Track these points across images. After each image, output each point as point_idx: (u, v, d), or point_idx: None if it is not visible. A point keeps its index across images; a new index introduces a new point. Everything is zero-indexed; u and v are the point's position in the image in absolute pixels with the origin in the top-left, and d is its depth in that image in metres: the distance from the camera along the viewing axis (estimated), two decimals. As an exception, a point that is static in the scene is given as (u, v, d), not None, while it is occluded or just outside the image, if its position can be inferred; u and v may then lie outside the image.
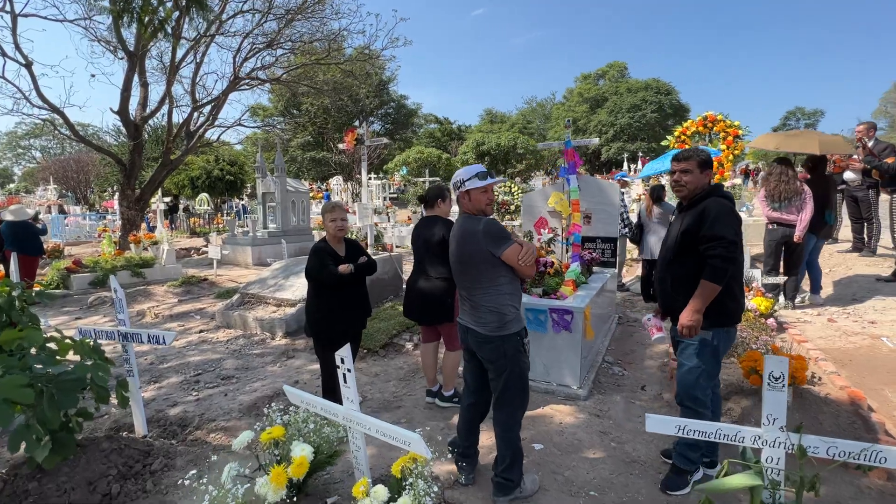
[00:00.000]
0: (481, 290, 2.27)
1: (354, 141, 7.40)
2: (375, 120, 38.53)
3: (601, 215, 5.55)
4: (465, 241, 2.28)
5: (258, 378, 4.04)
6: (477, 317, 2.31)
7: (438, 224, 3.30)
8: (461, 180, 2.32)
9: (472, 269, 2.28)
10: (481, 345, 2.32)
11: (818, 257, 4.95)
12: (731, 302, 2.32)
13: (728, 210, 2.27)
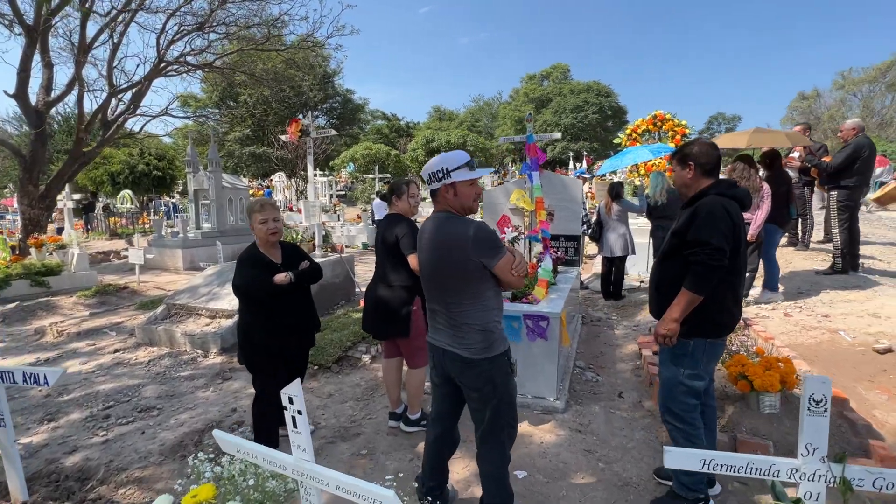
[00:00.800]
0: (466, 306, 1.89)
1: (299, 132, 6.76)
2: (320, 114, 36.89)
3: (564, 213, 5.37)
4: (450, 248, 1.88)
5: (186, 407, 3.41)
6: (459, 337, 1.92)
7: (401, 223, 2.88)
8: (445, 169, 1.87)
9: (457, 282, 1.90)
10: (464, 370, 1.95)
11: (775, 253, 5.07)
12: (719, 313, 2.09)
13: (719, 212, 2.01)
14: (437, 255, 1.92)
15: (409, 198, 3.01)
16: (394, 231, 2.85)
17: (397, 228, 2.84)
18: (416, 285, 2.84)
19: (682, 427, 2.17)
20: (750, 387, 2.59)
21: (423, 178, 2.01)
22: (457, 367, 1.96)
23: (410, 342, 2.92)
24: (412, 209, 3.02)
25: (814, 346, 3.70)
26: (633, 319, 5.34)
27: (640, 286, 6.71)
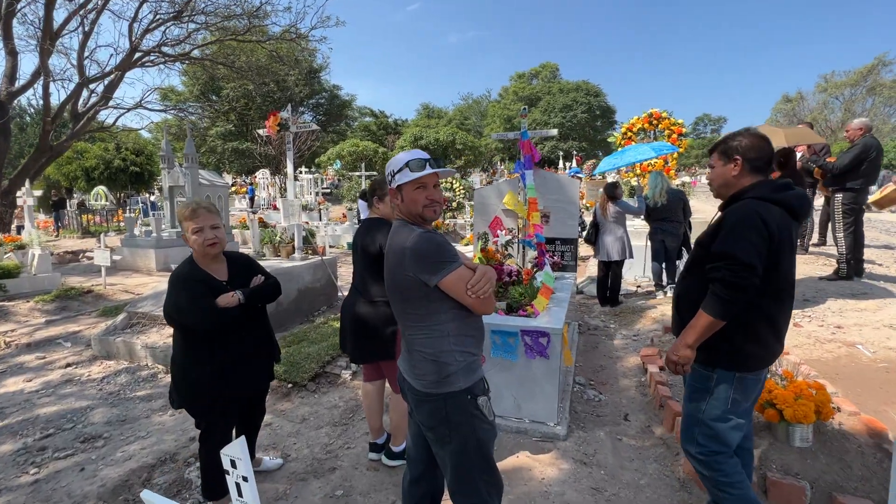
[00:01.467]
0: (414, 330, 1.61)
1: (278, 126, 6.32)
2: (306, 110, 36.25)
3: (560, 214, 5.05)
4: (392, 262, 1.62)
5: (138, 435, 2.99)
6: (412, 365, 1.64)
7: (383, 230, 2.51)
8: (391, 172, 1.66)
9: (402, 301, 1.62)
10: (417, 404, 1.65)
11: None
12: (751, 344, 1.74)
13: (752, 220, 1.65)
14: (387, 270, 1.66)
15: (387, 200, 2.64)
16: (376, 238, 2.48)
17: (379, 236, 2.46)
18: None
19: (708, 475, 1.83)
20: (779, 416, 2.28)
21: None
22: (412, 400, 1.67)
23: (396, 365, 2.59)
24: (388, 214, 2.64)
25: (832, 361, 3.43)
26: (633, 328, 5.05)
27: (636, 291, 6.44)
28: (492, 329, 2.97)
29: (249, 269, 2.31)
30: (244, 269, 2.28)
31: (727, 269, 1.64)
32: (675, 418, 2.70)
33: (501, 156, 41.28)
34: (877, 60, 42.65)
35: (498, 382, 2.99)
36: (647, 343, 4.41)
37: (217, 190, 11.19)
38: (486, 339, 2.99)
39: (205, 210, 2.13)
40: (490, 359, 3.00)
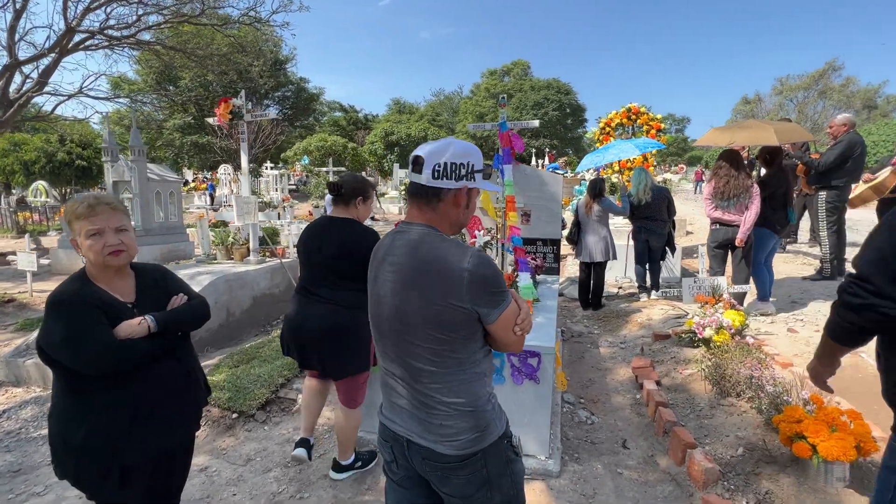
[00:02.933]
0: (445, 375, 1.19)
1: (229, 114, 5.67)
2: (272, 103, 34.83)
3: (542, 213, 4.66)
4: (433, 285, 1.15)
5: (33, 492, 2.39)
6: (432, 424, 1.21)
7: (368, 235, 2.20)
8: (471, 166, 1.20)
9: (440, 342, 1.17)
10: (448, 474, 1.22)
11: (773, 259, 4.58)
12: None
13: (889, 227, 1.20)
14: (411, 292, 1.17)
15: (368, 202, 2.36)
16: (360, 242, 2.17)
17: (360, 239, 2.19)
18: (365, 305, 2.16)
19: None
20: (811, 451, 1.94)
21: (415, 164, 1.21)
22: (434, 471, 1.23)
23: (362, 376, 2.35)
24: (365, 217, 2.37)
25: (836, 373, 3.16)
26: (619, 334, 4.73)
27: (618, 293, 6.16)
28: (473, 349, 2.53)
29: (166, 285, 1.75)
30: (158, 286, 1.72)
31: (847, 282, 1.24)
32: (685, 450, 2.34)
33: (474, 153, 41.03)
34: (827, 65, 44.84)
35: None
36: (637, 352, 4.08)
37: (169, 185, 10.31)
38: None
39: (107, 206, 1.56)
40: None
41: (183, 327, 1.71)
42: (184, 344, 1.77)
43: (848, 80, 44.12)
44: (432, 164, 1.17)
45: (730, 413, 2.64)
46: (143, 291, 1.67)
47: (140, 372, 1.57)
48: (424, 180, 1.18)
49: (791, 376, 2.92)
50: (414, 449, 1.24)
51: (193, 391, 1.76)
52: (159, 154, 29.11)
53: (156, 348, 1.58)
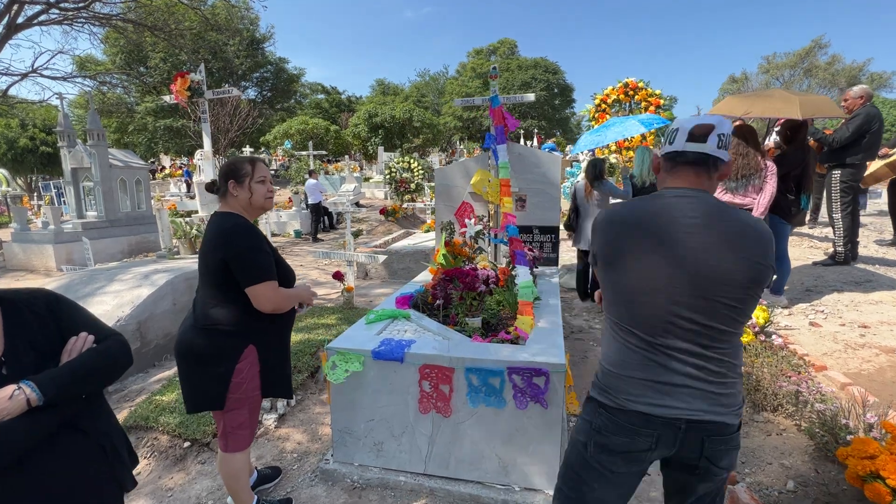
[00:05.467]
0: (735, 338, 1.21)
1: (187, 91, 5.06)
2: (250, 85, 33.44)
3: (540, 198, 4.22)
4: (754, 247, 1.17)
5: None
6: (722, 395, 1.18)
7: (238, 230, 1.70)
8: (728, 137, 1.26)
9: (745, 298, 1.18)
10: (729, 448, 1.22)
11: (787, 249, 4.21)
12: None
13: None
14: (739, 253, 1.15)
15: (253, 184, 1.77)
16: (227, 243, 1.66)
17: (235, 239, 1.67)
18: (251, 328, 1.73)
19: None
20: (891, 496, 1.56)
21: (696, 134, 1.23)
22: (717, 447, 1.20)
23: (230, 416, 1.78)
24: (257, 204, 1.81)
25: (875, 374, 2.82)
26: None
27: (618, 281, 5.78)
28: (466, 367, 2.10)
29: (57, 322, 1.17)
30: (43, 326, 1.15)
31: None
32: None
33: (461, 135, 40.25)
34: (813, 43, 44.66)
35: (476, 437, 2.14)
36: (646, 351, 3.70)
37: (134, 172, 9.59)
38: (459, 381, 2.12)
39: None
40: (465, 409, 2.13)
41: (87, 387, 1.15)
42: (91, 406, 1.21)
43: (833, 57, 44.04)
44: (717, 134, 1.21)
45: (767, 432, 2.26)
46: (17, 337, 1.11)
47: (25, 464, 1.05)
48: (710, 149, 1.21)
49: (828, 384, 2.55)
50: (695, 429, 1.17)
51: (110, 470, 1.22)
52: (132, 139, 27.81)
53: (45, 429, 1.06)
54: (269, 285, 1.68)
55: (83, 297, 3.87)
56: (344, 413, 2.29)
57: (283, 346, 1.92)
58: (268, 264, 1.70)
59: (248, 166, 1.77)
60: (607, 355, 1.27)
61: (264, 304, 1.68)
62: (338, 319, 4.45)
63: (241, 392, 1.72)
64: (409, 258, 6.57)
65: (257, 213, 1.86)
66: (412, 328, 2.56)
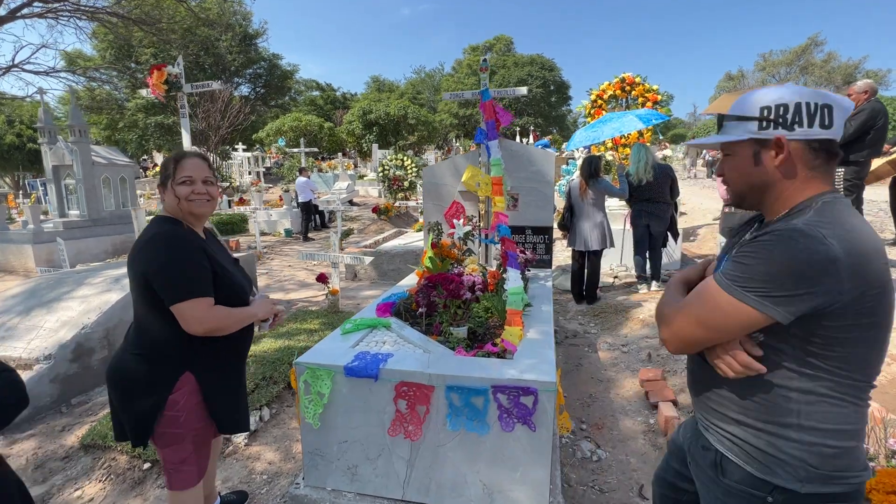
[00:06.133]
0: None
1: (164, 84, 4.83)
2: (243, 81, 33.03)
3: (532, 196, 4.03)
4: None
5: None
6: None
7: (158, 239, 1.49)
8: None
9: None
10: None
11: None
12: None
13: None
14: None
15: (175, 186, 1.55)
16: (145, 255, 1.46)
17: (153, 250, 1.45)
18: (188, 353, 1.51)
19: None
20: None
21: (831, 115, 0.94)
22: None
23: (170, 452, 1.57)
24: (185, 209, 1.56)
25: (888, 385, 2.65)
26: (618, 332, 4.17)
27: (614, 283, 5.61)
28: (447, 384, 1.90)
29: None
30: None
31: None
32: None
33: (457, 132, 39.98)
34: (809, 40, 44.64)
35: (458, 460, 1.95)
36: (643, 358, 3.53)
37: (118, 170, 9.33)
38: (439, 400, 1.93)
39: None
40: (445, 431, 1.94)
41: None
42: None
43: (829, 55, 44.02)
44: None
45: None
46: None
47: None
48: None
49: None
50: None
51: None
52: (123, 136, 27.37)
53: None
54: (199, 303, 1.44)
55: (48, 302, 3.65)
56: (315, 434, 2.09)
57: (233, 373, 1.69)
58: (197, 278, 1.46)
59: (170, 165, 1.55)
60: (827, 430, 0.92)
61: (193, 326, 1.44)
62: (321, 324, 4.25)
63: (178, 426, 1.51)
64: (398, 259, 6.37)
65: (197, 219, 1.61)
66: (392, 339, 2.36)
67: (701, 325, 0.96)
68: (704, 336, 0.96)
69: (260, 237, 9.47)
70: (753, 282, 0.88)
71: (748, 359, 0.93)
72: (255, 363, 3.30)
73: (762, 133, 0.95)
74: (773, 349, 0.93)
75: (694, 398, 1.15)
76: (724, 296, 0.92)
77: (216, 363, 1.60)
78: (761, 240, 0.90)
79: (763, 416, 0.96)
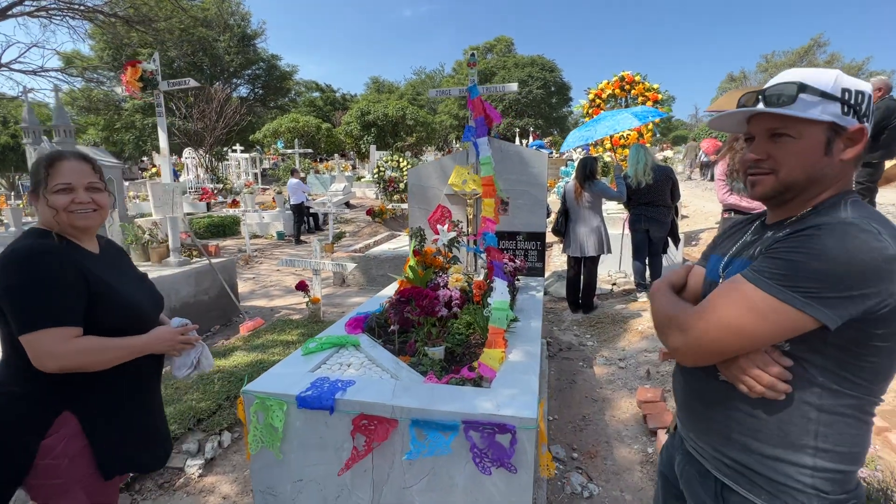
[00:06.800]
0: None
1: (139, 81, 4.60)
2: (242, 83, 32.92)
3: (524, 200, 3.78)
4: None
5: None
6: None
7: (14, 260, 1.22)
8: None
9: None
10: None
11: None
12: None
13: None
14: None
15: (48, 195, 1.28)
16: (4, 278, 1.19)
17: (3, 270, 1.19)
18: (66, 390, 1.25)
19: None
20: None
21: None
22: None
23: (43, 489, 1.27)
24: (62, 221, 1.29)
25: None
26: (616, 345, 3.92)
27: (612, 291, 5.35)
28: (412, 418, 1.65)
29: None
30: None
31: None
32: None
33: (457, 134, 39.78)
34: (813, 41, 44.36)
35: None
36: (642, 375, 3.27)
37: (105, 171, 9.09)
38: (403, 436, 1.68)
39: None
40: (411, 469, 1.69)
41: None
42: None
43: (832, 56, 43.72)
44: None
45: None
46: None
47: None
48: None
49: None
50: None
51: None
52: (121, 137, 27.22)
53: None
54: (49, 335, 1.17)
55: None
56: (266, 470, 1.84)
57: (135, 410, 1.40)
58: (52, 303, 1.19)
59: (42, 170, 1.28)
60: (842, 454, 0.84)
61: (46, 362, 1.18)
62: (300, 335, 4.00)
63: (58, 476, 1.24)
64: (388, 264, 6.12)
65: (82, 232, 1.34)
66: (359, 361, 2.12)
67: (730, 330, 0.81)
68: (733, 343, 0.82)
69: (251, 240, 9.24)
70: (801, 280, 0.76)
71: (781, 371, 0.81)
72: (221, 380, 3.06)
73: (844, 119, 0.82)
74: (802, 360, 0.82)
75: (686, 418, 1.03)
76: (762, 295, 0.79)
77: (108, 399, 1.32)
78: (806, 234, 0.78)
79: (775, 440, 0.85)
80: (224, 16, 27.68)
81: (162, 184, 4.60)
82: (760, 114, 0.88)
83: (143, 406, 1.43)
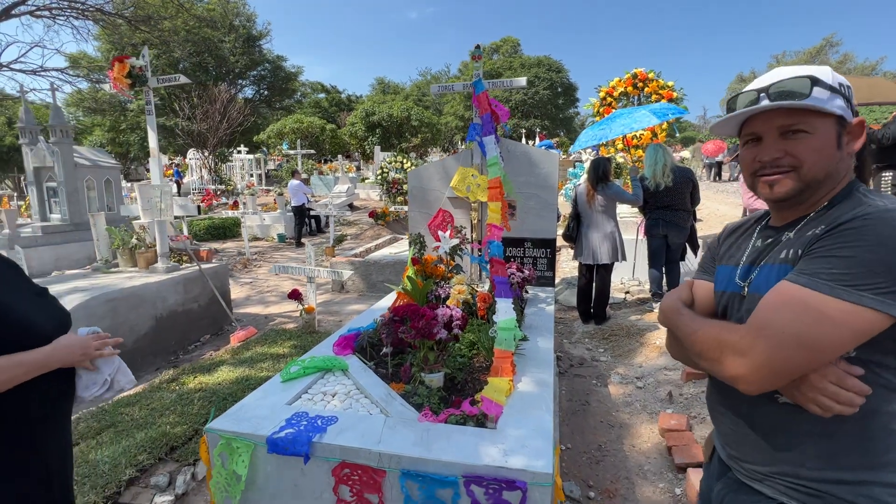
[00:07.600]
0: None
1: (128, 78, 4.38)
2: (247, 83, 32.85)
3: (532, 203, 3.50)
4: None
5: None
6: None
7: None
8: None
9: None
10: None
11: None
12: None
13: None
14: None
15: None
16: None
17: None
18: None
19: None
20: None
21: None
22: None
23: None
24: None
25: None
26: (632, 361, 3.62)
27: (625, 299, 5.05)
28: (402, 469, 1.38)
29: None
30: None
31: None
32: None
33: (462, 135, 39.51)
34: (825, 41, 43.62)
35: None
36: (663, 397, 2.97)
37: (103, 172, 8.93)
38: (393, 491, 1.40)
39: None
40: (400, 532, 1.41)
41: None
42: None
43: (845, 56, 42.98)
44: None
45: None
46: None
47: None
48: None
49: None
50: None
51: None
52: (127, 138, 27.25)
53: None
54: None
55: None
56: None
57: (33, 449, 1.12)
58: None
59: None
60: None
61: None
62: (292, 347, 3.75)
63: None
64: (389, 269, 5.86)
65: None
66: (345, 390, 1.85)
67: (802, 345, 0.72)
68: (805, 359, 0.73)
69: (252, 242, 9.04)
70: (866, 276, 0.70)
71: (859, 384, 0.72)
72: (202, 400, 2.80)
73: (847, 113, 0.83)
74: (872, 365, 0.75)
75: (736, 448, 0.91)
76: (827, 300, 0.71)
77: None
78: (852, 226, 0.74)
79: (855, 461, 0.77)
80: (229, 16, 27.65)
81: (151, 186, 4.36)
82: (767, 112, 0.84)
83: (39, 443, 1.12)
